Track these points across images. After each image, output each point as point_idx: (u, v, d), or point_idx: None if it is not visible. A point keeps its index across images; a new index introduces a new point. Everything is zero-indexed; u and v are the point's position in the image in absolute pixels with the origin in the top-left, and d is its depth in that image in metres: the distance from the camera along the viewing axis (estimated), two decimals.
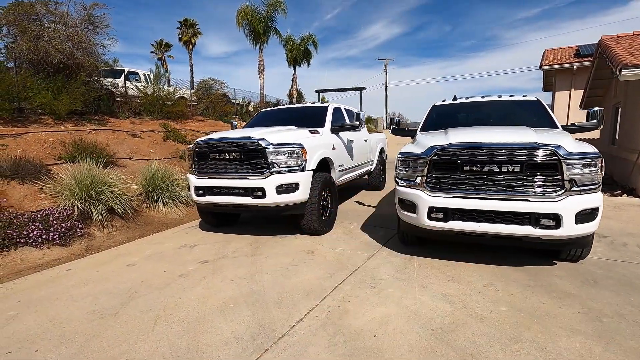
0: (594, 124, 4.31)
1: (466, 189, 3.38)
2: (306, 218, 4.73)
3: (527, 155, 3.13)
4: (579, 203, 3.08)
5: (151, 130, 9.68)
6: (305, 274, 3.68)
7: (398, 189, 3.89)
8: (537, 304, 2.89)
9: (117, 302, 3.21)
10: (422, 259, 3.94)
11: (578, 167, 3.08)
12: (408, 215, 3.76)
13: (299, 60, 25.20)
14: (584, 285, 3.20)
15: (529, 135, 3.30)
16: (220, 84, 16.30)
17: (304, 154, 4.54)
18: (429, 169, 3.54)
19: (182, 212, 6.69)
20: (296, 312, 2.90)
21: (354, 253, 4.23)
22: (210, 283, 3.54)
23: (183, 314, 2.95)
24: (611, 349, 2.29)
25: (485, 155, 3.25)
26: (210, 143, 4.70)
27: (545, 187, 3.14)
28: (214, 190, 4.72)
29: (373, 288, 3.29)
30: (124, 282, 3.67)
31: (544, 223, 3.13)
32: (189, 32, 33.84)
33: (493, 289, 3.19)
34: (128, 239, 5.35)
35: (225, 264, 4.06)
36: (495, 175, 3.26)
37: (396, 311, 2.86)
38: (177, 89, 13.25)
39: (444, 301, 2.99)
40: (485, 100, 5.16)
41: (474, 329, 2.57)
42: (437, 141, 3.58)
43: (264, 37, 21.62)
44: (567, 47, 16.72)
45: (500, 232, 3.27)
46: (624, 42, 8.22)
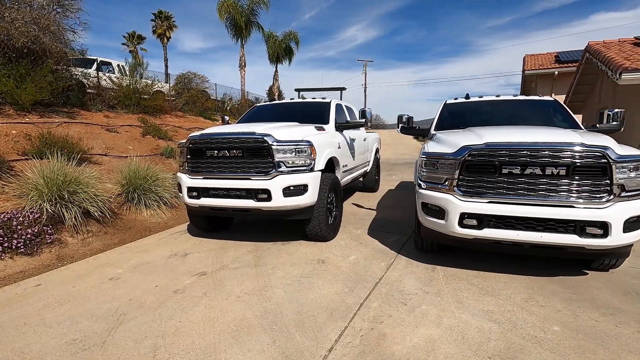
0: (616, 126, 4.15)
1: (504, 194, 3.06)
2: (313, 223, 4.30)
3: (574, 157, 2.86)
4: (628, 210, 2.84)
5: (128, 125, 8.90)
6: (322, 287, 3.25)
7: (421, 192, 3.54)
8: (590, 322, 2.61)
9: (102, 328, 2.65)
10: (446, 269, 3.61)
11: (627, 170, 2.84)
12: (434, 222, 3.41)
13: (281, 58, 24.69)
14: (628, 299, 2.97)
15: (573, 136, 3.04)
16: (201, 79, 15.49)
17: (313, 153, 4.11)
18: (461, 171, 3.20)
19: (166, 215, 6.07)
20: (324, 338, 2.47)
21: (370, 262, 3.85)
22: (214, 301, 3.04)
23: (187, 343, 2.45)
24: None
25: (527, 156, 2.96)
26: (207, 139, 4.17)
27: (593, 193, 2.88)
28: (211, 192, 4.19)
29: (404, 305, 2.91)
30: (108, 300, 3.10)
31: (590, 231, 2.87)
32: (164, 24, 32.41)
33: (535, 304, 2.90)
34: (106, 246, 4.71)
35: (227, 276, 3.56)
36: (538, 179, 2.97)
37: (440, 334, 2.49)
38: (156, 82, 12.38)
39: (489, 320, 2.65)
40: (501, 99, 4.93)
41: (536, 355, 2.24)
42: (470, 140, 3.25)
43: (246, 32, 20.96)
44: (546, 53, 17.19)
45: (541, 241, 2.98)
46: (614, 48, 8.35)
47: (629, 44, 8.75)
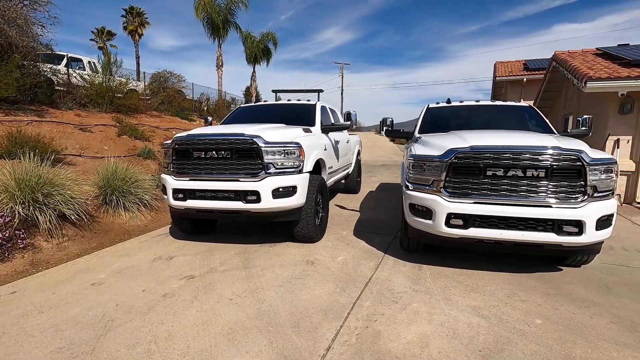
0: (585, 131, 4.44)
1: (488, 195, 3.22)
2: (301, 224, 4.31)
3: (552, 160, 3.05)
4: (600, 209, 3.06)
5: (103, 124, 8.55)
6: (314, 288, 3.28)
7: (409, 193, 3.65)
8: (569, 315, 2.79)
9: (89, 335, 2.56)
10: (432, 268, 3.73)
11: (599, 172, 3.06)
12: (421, 222, 3.52)
13: (259, 59, 24.48)
14: (601, 292, 3.19)
15: (551, 140, 3.23)
16: (178, 78, 15.09)
17: (302, 155, 4.13)
18: (448, 173, 3.33)
19: (146, 217, 5.89)
20: (321, 337, 2.50)
21: (358, 262, 3.91)
22: (206, 304, 3.00)
23: (182, 347, 2.40)
24: None
25: (510, 159, 3.12)
26: (194, 139, 4.09)
27: (569, 193, 3.08)
28: (198, 194, 4.12)
29: (395, 303, 2.99)
30: (93, 307, 2.98)
31: (567, 230, 3.07)
32: (136, 21, 31.34)
33: (518, 299, 3.05)
34: (84, 250, 4.52)
35: (216, 279, 3.51)
36: (519, 181, 3.14)
37: (432, 330, 2.58)
38: (130, 80, 11.96)
39: (477, 316, 2.77)
40: (481, 104, 5.15)
41: (522, 347, 2.37)
42: (456, 144, 3.38)
43: (224, 32, 20.65)
44: (515, 60, 18.01)
45: (522, 240, 3.16)
46: (578, 58, 8.89)
47: (591, 55, 9.34)
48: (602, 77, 6.80)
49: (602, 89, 6.85)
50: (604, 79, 6.76)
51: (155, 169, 7.59)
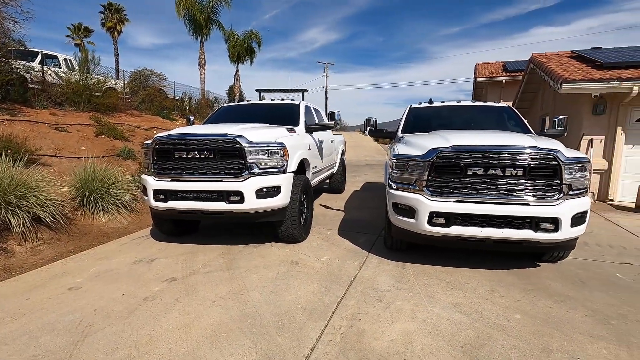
0: (561, 131, 4.59)
1: (469, 193, 3.28)
2: (285, 225, 4.30)
3: (530, 159, 3.13)
4: (575, 207, 3.17)
5: (80, 124, 8.29)
6: (299, 289, 3.27)
7: (392, 192, 3.68)
8: (546, 309, 2.88)
9: (66, 342, 2.47)
10: (415, 266, 3.78)
11: (573, 171, 3.17)
12: (404, 221, 3.57)
13: (242, 57, 24.25)
14: (576, 287, 3.30)
15: (528, 140, 3.33)
16: (159, 76, 14.76)
17: (286, 154, 4.11)
18: (430, 172, 3.38)
19: (126, 219, 5.74)
20: (305, 337, 2.50)
21: (343, 262, 3.93)
22: (188, 307, 2.95)
23: (164, 351, 2.36)
24: (635, 353, 2.31)
25: (490, 158, 3.19)
26: (176, 139, 4.02)
27: (545, 192, 3.17)
28: (179, 195, 4.04)
29: (380, 301, 3.02)
30: (69, 312, 2.89)
31: (544, 227, 3.16)
32: (114, 17, 30.52)
33: (498, 295, 3.13)
34: (60, 254, 4.37)
35: (199, 281, 3.45)
36: (498, 179, 3.22)
37: (415, 327, 2.62)
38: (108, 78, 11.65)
39: (459, 312, 2.83)
40: (462, 104, 5.26)
41: (502, 342, 2.43)
42: (437, 143, 3.44)
43: (206, 30, 20.37)
44: (495, 62, 18.46)
45: (502, 237, 3.24)
46: (555, 60, 9.18)
47: (567, 57, 9.66)
48: (577, 79, 7.04)
49: (577, 90, 7.10)
50: (578, 80, 7.01)
51: (135, 169, 7.41)
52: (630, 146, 7.42)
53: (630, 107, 7.30)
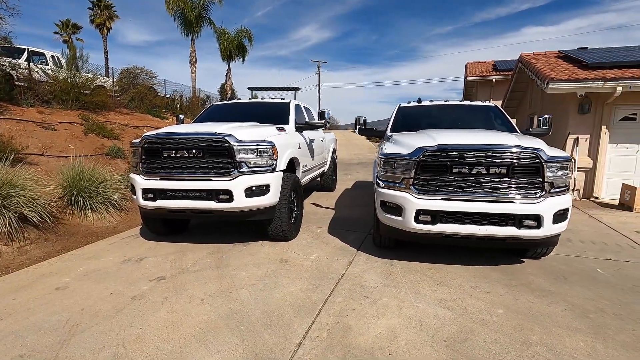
0: (545, 130, 4.68)
1: (454, 191, 3.35)
2: (275, 223, 4.32)
3: (513, 157, 3.20)
4: (556, 204, 3.25)
5: (68, 122, 8.19)
6: (287, 286, 3.31)
7: (380, 191, 3.73)
8: (528, 304, 2.95)
9: (52, 341, 2.47)
10: (402, 263, 3.84)
11: (555, 169, 3.25)
12: (391, 218, 3.62)
13: (234, 55, 24.12)
14: (557, 282, 3.39)
15: (512, 139, 3.40)
16: (149, 74, 14.61)
17: (275, 153, 4.13)
18: (417, 171, 3.43)
19: (114, 218, 5.71)
20: (292, 334, 2.53)
21: (332, 259, 3.97)
22: (176, 305, 2.96)
23: (151, 349, 2.37)
24: (610, 345, 2.39)
25: (475, 157, 3.26)
26: (164, 138, 4.01)
27: (528, 189, 3.25)
28: (168, 194, 4.04)
29: (367, 298, 3.06)
30: (56, 312, 2.88)
31: (527, 224, 3.24)
32: (104, 14, 30.04)
33: (482, 290, 3.20)
34: (47, 254, 4.34)
35: (188, 279, 3.47)
36: (483, 177, 3.28)
37: (400, 323, 2.67)
38: (97, 76, 11.50)
39: (443, 307, 2.89)
40: (450, 103, 5.33)
41: (484, 336, 2.50)
42: (424, 142, 3.49)
43: (197, 27, 20.21)
44: (485, 61, 18.66)
45: (486, 234, 3.31)
46: (542, 60, 9.32)
47: (554, 57, 9.82)
48: (563, 78, 7.18)
49: (563, 90, 7.24)
50: (564, 80, 7.14)
51: (125, 168, 7.36)
52: (614, 145, 7.59)
53: (615, 107, 7.46)
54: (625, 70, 7.18)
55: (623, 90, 6.81)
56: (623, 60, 7.49)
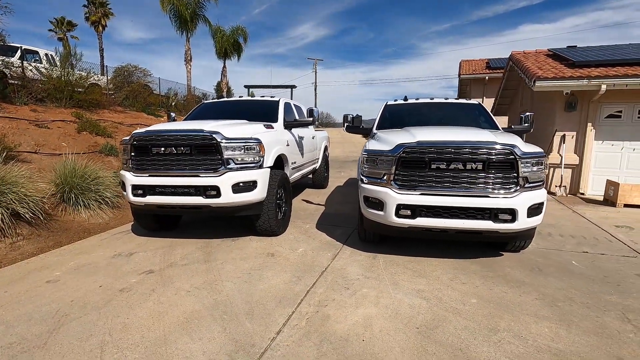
0: (527, 127, 4.81)
1: (433, 186, 3.46)
2: (262, 219, 4.43)
3: (489, 153, 3.32)
4: (530, 198, 3.37)
5: (61, 120, 8.26)
6: (271, 279, 3.42)
7: (363, 186, 3.84)
8: (501, 294, 3.08)
9: (42, 330, 2.58)
10: (385, 256, 3.96)
11: (530, 165, 3.37)
12: (374, 213, 3.73)
13: (229, 53, 24.17)
14: (533, 273, 3.52)
15: (488, 136, 3.52)
16: (143, 72, 14.65)
17: (262, 150, 4.24)
18: (397, 167, 3.55)
19: (107, 215, 5.79)
20: (273, 322, 2.65)
21: (317, 253, 4.08)
22: (163, 297, 3.07)
23: (137, 337, 2.48)
24: (573, 330, 2.52)
25: (452, 153, 3.37)
26: (153, 136, 4.10)
27: (503, 184, 3.37)
28: (157, 190, 4.14)
29: (347, 289, 3.18)
30: (46, 303, 2.98)
31: (502, 217, 3.36)
32: (99, 11, 29.95)
33: (459, 282, 3.33)
34: (40, 249, 4.43)
35: (176, 273, 3.57)
36: (460, 173, 3.40)
37: (377, 312, 2.79)
38: (91, 74, 11.55)
39: (420, 297, 3.01)
40: (435, 101, 5.44)
41: (455, 323, 2.62)
42: (404, 139, 3.61)
43: (192, 25, 20.22)
44: (479, 59, 18.80)
45: (463, 227, 3.43)
46: (531, 58, 9.45)
47: (543, 55, 9.95)
48: (549, 77, 7.31)
49: (549, 88, 7.37)
50: (550, 78, 7.27)
51: (117, 165, 7.43)
52: (600, 142, 7.74)
53: (600, 104, 7.61)
54: (610, 68, 7.32)
55: (607, 89, 6.96)
56: (608, 59, 7.62)
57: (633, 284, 3.28)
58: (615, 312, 2.78)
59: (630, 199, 6.54)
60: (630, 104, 7.45)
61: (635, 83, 6.84)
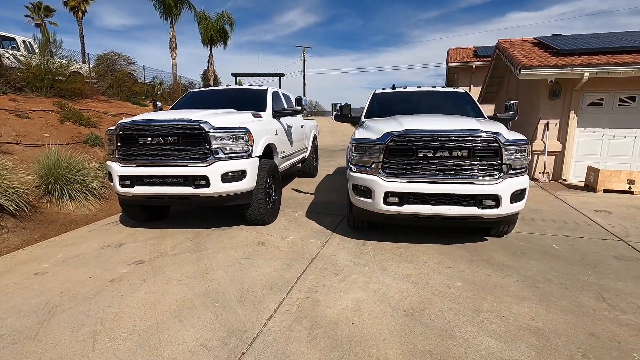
0: (512, 115, 4.90)
1: (420, 174, 3.53)
2: (252, 208, 4.45)
3: (474, 141, 3.39)
4: (514, 185, 3.47)
5: (42, 110, 8.03)
6: (262, 266, 3.46)
7: (352, 174, 3.89)
8: (485, 277, 3.19)
9: (32, 322, 2.58)
10: (374, 243, 4.04)
11: (513, 152, 3.46)
12: (363, 201, 3.79)
13: (215, 40, 23.68)
14: (515, 257, 3.65)
15: (474, 124, 3.59)
16: (127, 60, 14.27)
17: (251, 139, 4.23)
18: (385, 155, 3.60)
19: (94, 206, 5.73)
20: (264, 309, 2.70)
21: (307, 241, 4.14)
22: (154, 286, 3.09)
23: (129, 326, 2.50)
24: (552, 310, 2.64)
25: (438, 141, 3.43)
26: (139, 125, 4.05)
27: (487, 171, 3.45)
28: (145, 180, 4.10)
29: (337, 275, 3.25)
30: (35, 295, 2.97)
31: (486, 203, 3.46)
32: None
33: (445, 266, 3.43)
34: (25, 242, 4.37)
35: (166, 262, 3.59)
36: (446, 160, 3.47)
37: (366, 296, 2.87)
38: (73, 62, 11.19)
39: (407, 282, 3.10)
40: (422, 90, 5.49)
41: (441, 305, 2.72)
42: (392, 127, 3.65)
43: (176, 11, 19.70)
44: (466, 47, 18.87)
45: (449, 213, 3.52)
46: (517, 46, 9.55)
47: (529, 43, 10.05)
48: (534, 65, 7.41)
49: (534, 76, 7.49)
50: (535, 67, 7.38)
51: (103, 156, 7.31)
52: (582, 129, 7.93)
53: (583, 92, 7.77)
54: (592, 56, 7.46)
55: (590, 77, 7.10)
56: (591, 47, 7.76)
57: (609, 266, 3.44)
58: (592, 291, 2.92)
59: (610, 185, 6.77)
60: (611, 92, 7.63)
61: (617, 71, 7.00)
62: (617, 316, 2.56)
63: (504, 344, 2.24)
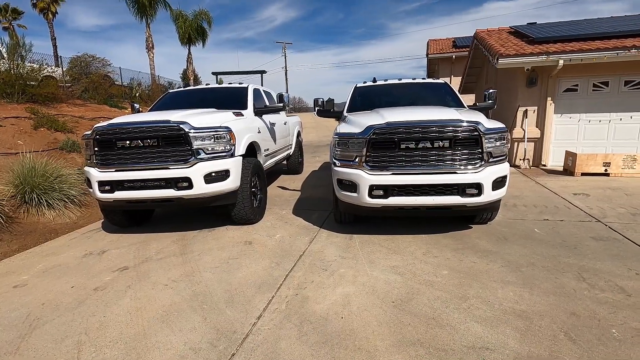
0: (491, 104, 4.98)
1: (403, 166, 3.55)
2: (238, 207, 4.41)
3: (455, 131, 3.43)
4: (495, 172, 3.53)
5: (14, 117, 7.74)
6: (250, 266, 3.44)
7: (336, 169, 3.89)
8: (470, 264, 3.25)
9: (13, 336, 2.49)
10: (361, 237, 4.06)
11: (493, 140, 3.52)
12: (348, 195, 3.80)
13: (193, 39, 23.24)
14: (499, 243, 3.73)
15: (454, 114, 3.63)
16: (102, 62, 13.86)
17: (233, 138, 4.17)
18: (368, 148, 3.60)
19: (74, 214, 5.56)
20: (253, 308, 2.69)
21: (294, 238, 4.13)
22: (139, 292, 3.03)
23: (115, 334, 2.45)
24: (535, 292, 2.72)
25: (420, 132, 3.46)
26: (116, 129, 3.94)
27: (469, 160, 3.50)
28: (126, 185, 4.01)
29: (325, 271, 3.26)
30: (15, 309, 2.87)
31: (469, 192, 3.51)
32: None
33: (431, 255, 3.48)
34: (3, 254, 4.22)
35: (152, 267, 3.52)
36: (428, 151, 3.50)
37: (354, 290, 2.88)
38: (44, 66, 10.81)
39: (395, 273, 3.13)
40: (403, 82, 5.51)
41: (428, 294, 2.75)
42: (374, 121, 3.66)
43: (151, 10, 19.21)
44: (446, 38, 19.07)
45: (434, 203, 3.56)
46: (495, 36, 9.69)
47: (506, 33, 10.22)
48: (511, 54, 7.54)
49: (511, 64, 7.62)
50: (512, 55, 7.51)
51: (81, 162, 7.10)
52: (559, 115, 8.13)
53: (558, 79, 7.95)
54: (566, 44, 7.64)
55: (564, 64, 7.27)
56: (565, 35, 7.94)
57: (588, 246, 3.55)
58: (572, 272, 3.01)
59: (587, 168, 6.97)
60: (585, 78, 7.84)
61: (590, 57, 7.19)
62: (596, 295, 2.65)
63: (490, 329, 2.29)
